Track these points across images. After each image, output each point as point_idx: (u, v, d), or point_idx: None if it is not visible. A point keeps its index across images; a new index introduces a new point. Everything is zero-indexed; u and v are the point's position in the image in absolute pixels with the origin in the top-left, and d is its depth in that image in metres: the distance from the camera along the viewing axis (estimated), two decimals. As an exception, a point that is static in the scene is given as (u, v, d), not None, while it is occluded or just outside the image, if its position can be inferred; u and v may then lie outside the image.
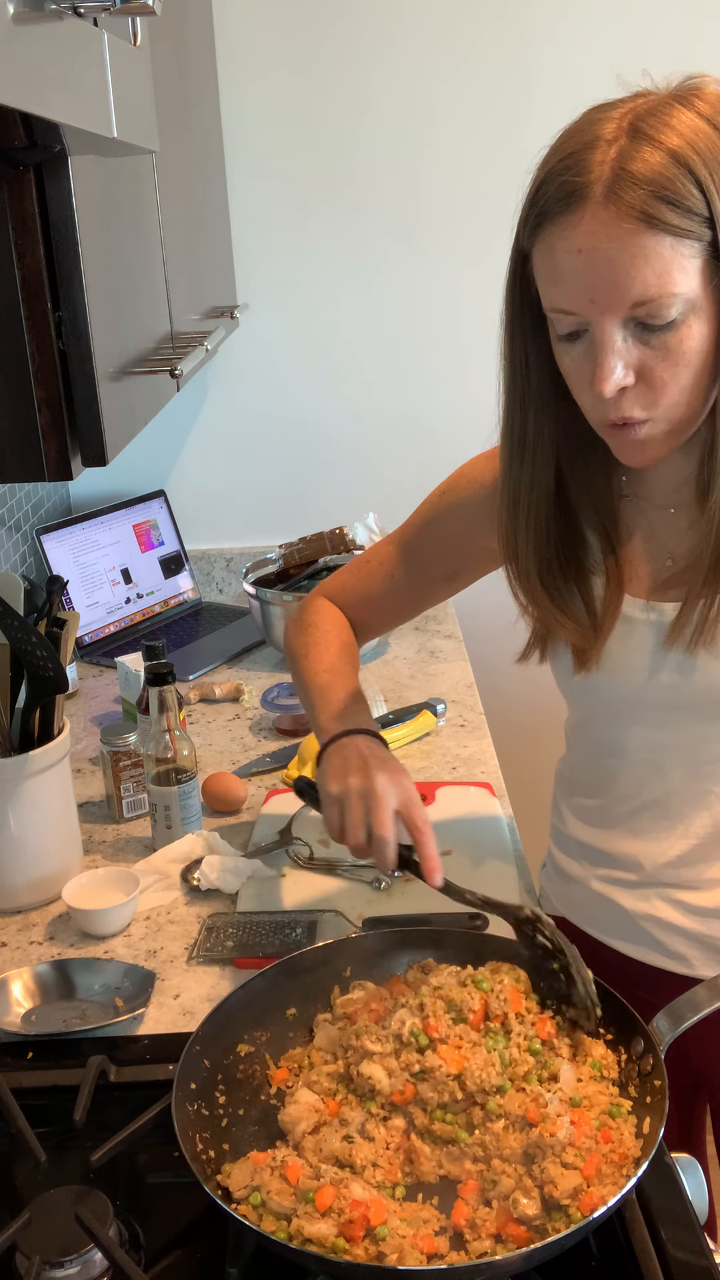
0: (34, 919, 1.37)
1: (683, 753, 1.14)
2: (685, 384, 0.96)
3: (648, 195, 0.88)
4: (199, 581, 2.45)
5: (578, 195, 0.91)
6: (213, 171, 2.04)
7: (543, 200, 0.94)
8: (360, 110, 2.16)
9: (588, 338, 0.96)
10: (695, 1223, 0.90)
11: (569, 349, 0.99)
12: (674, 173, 0.89)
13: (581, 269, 0.92)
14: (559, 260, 0.94)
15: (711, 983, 0.99)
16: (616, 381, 0.95)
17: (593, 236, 0.90)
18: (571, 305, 0.94)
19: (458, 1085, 0.93)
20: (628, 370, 0.95)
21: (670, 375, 0.95)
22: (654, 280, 0.90)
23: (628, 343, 0.94)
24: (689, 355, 0.95)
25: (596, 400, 0.98)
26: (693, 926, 1.19)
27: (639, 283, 0.90)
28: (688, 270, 0.91)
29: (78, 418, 1.07)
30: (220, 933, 1.31)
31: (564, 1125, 0.88)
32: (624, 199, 0.89)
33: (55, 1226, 0.89)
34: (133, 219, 1.31)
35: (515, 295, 1.03)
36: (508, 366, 1.08)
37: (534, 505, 1.11)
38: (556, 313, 0.97)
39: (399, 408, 2.36)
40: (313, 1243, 0.83)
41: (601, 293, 0.92)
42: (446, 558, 1.30)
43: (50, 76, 0.73)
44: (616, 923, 1.24)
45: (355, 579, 1.38)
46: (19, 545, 2.09)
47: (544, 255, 0.95)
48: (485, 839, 1.47)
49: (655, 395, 0.96)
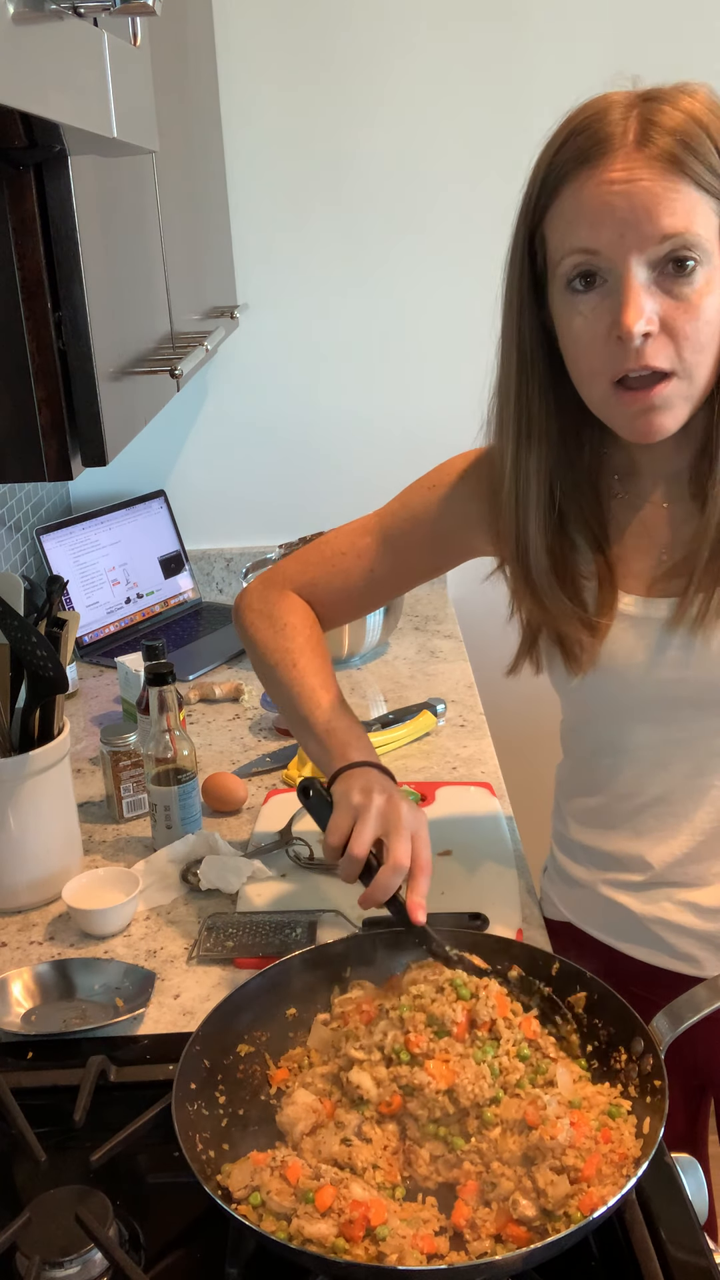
0: (34, 919, 1.37)
1: (684, 748, 1.14)
2: (705, 340, 0.97)
3: (676, 143, 0.92)
4: (199, 581, 2.45)
5: (606, 144, 0.94)
6: (213, 171, 2.04)
7: (564, 156, 0.96)
8: (360, 110, 2.16)
9: (607, 288, 0.96)
10: (695, 1223, 0.90)
11: (580, 305, 0.98)
12: (697, 130, 0.93)
13: (614, 201, 0.94)
14: (587, 198, 0.95)
15: (712, 983, 0.99)
16: (642, 325, 0.94)
17: (626, 171, 0.93)
18: (598, 243, 0.95)
19: (449, 1100, 0.92)
20: (653, 316, 0.95)
21: (692, 328, 0.96)
22: (683, 215, 0.93)
23: (650, 290, 0.95)
24: (708, 310, 0.96)
25: (613, 352, 0.97)
26: (701, 926, 1.19)
27: (669, 214, 0.93)
28: (709, 223, 0.94)
29: (78, 418, 1.07)
30: (220, 933, 1.31)
31: (564, 1128, 0.88)
32: (656, 143, 0.93)
33: (55, 1226, 0.89)
34: (133, 219, 1.31)
35: (519, 276, 1.03)
36: (512, 355, 1.07)
37: (541, 493, 1.10)
38: (578, 255, 0.96)
39: (399, 407, 2.36)
40: (313, 1243, 0.83)
41: (633, 225, 0.93)
42: (431, 552, 1.28)
43: (50, 76, 0.73)
44: (624, 926, 1.23)
45: (328, 573, 1.30)
46: (19, 545, 2.09)
47: (568, 201, 0.97)
48: (485, 839, 1.47)
49: (677, 347, 0.96)
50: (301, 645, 1.26)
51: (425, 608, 2.35)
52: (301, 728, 1.22)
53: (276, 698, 1.28)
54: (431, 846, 1.43)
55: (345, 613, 1.34)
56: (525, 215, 1.01)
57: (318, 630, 1.30)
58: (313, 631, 1.29)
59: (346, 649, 2.04)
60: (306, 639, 1.27)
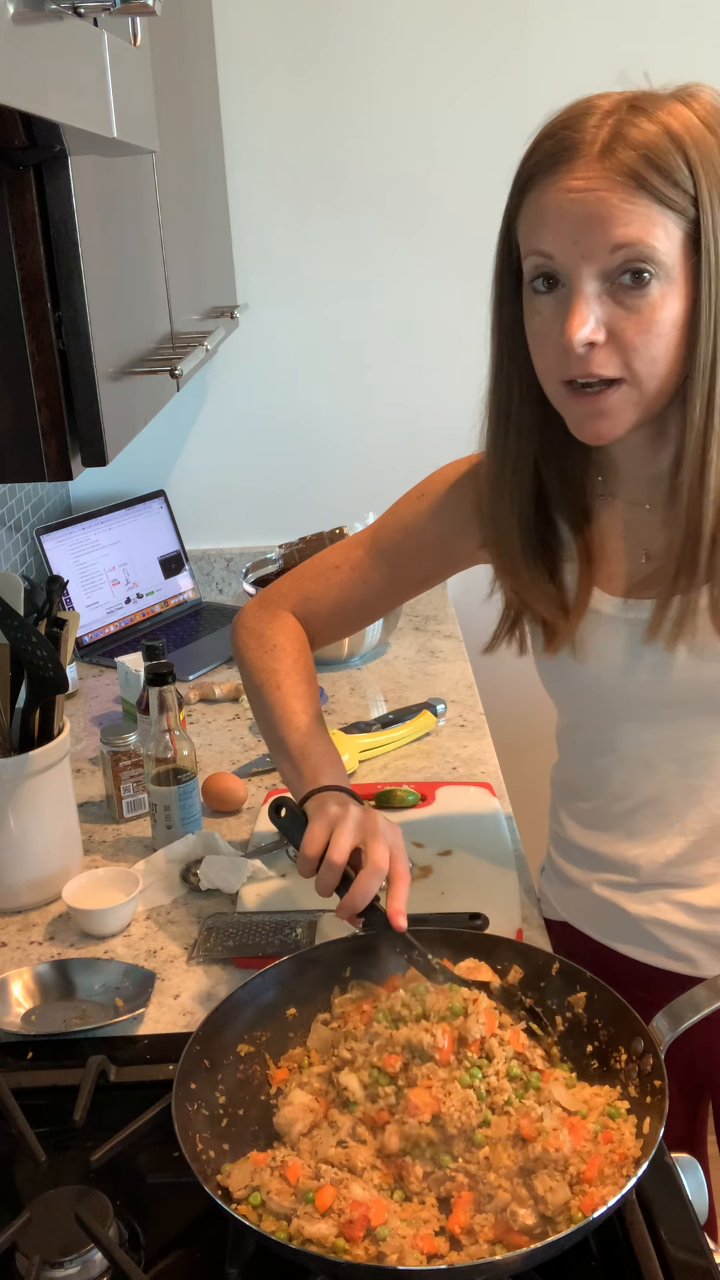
0: (34, 919, 1.37)
1: (672, 749, 1.14)
2: (655, 353, 0.97)
3: (640, 158, 0.92)
4: (199, 581, 2.45)
5: (572, 150, 0.94)
6: (213, 171, 2.04)
7: (535, 158, 0.97)
8: (360, 110, 2.16)
9: (561, 293, 0.97)
10: (695, 1223, 0.89)
11: (540, 306, 0.99)
12: (667, 145, 0.92)
13: (569, 208, 0.94)
14: (547, 202, 0.96)
15: (711, 983, 0.99)
16: (587, 333, 0.95)
17: (584, 180, 0.93)
18: (552, 246, 0.96)
19: (434, 1129, 0.90)
20: (599, 326, 0.96)
21: (641, 340, 0.96)
22: (636, 227, 0.93)
23: (601, 298, 0.96)
24: (660, 324, 0.96)
25: (561, 357, 0.98)
26: (696, 927, 1.19)
27: (621, 225, 0.93)
28: (669, 237, 0.94)
29: (78, 418, 1.07)
30: (220, 933, 1.31)
31: (564, 1139, 0.88)
32: (617, 156, 0.92)
33: (55, 1226, 0.89)
34: (133, 219, 1.31)
35: (502, 266, 1.05)
36: (495, 342, 1.09)
37: (518, 482, 1.11)
38: (536, 257, 0.98)
39: (399, 407, 2.36)
40: (313, 1243, 0.83)
41: (585, 232, 0.94)
42: (423, 561, 1.28)
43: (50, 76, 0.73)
44: (620, 926, 1.24)
45: (323, 587, 1.30)
46: (19, 545, 2.09)
47: (532, 204, 0.98)
48: (485, 839, 1.47)
49: (625, 357, 0.97)
50: (288, 667, 1.26)
51: (425, 608, 2.35)
52: (277, 749, 1.23)
53: (258, 717, 1.28)
54: (431, 846, 1.44)
55: (342, 626, 1.35)
56: (506, 210, 1.03)
57: (306, 653, 1.30)
58: (301, 654, 1.29)
59: (346, 649, 2.04)
60: (294, 661, 1.27)
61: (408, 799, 1.56)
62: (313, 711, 1.24)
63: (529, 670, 1.25)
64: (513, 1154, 0.89)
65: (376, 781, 1.64)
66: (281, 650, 1.28)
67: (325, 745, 1.20)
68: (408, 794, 1.56)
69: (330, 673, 2.05)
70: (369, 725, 1.79)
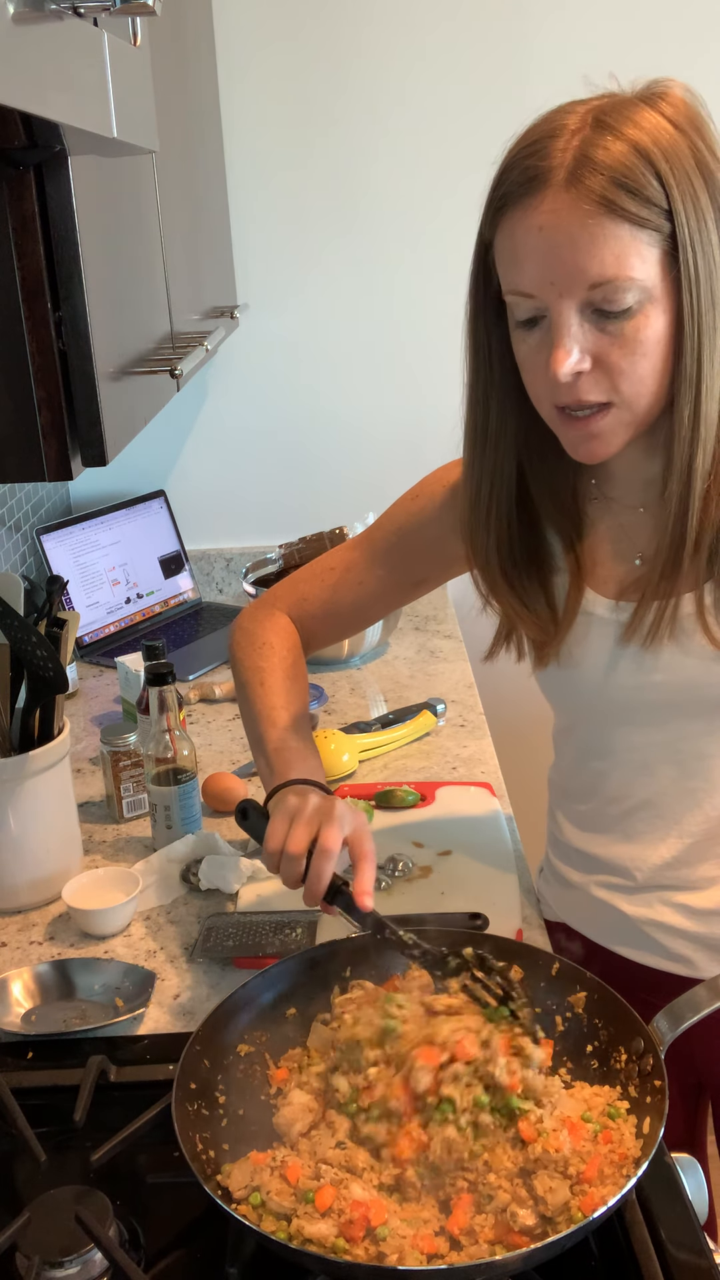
0: (34, 919, 1.37)
1: (668, 750, 1.14)
2: (642, 374, 0.97)
3: (608, 181, 0.90)
4: (199, 581, 2.45)
5: (539, 180, 0.93)
6: (213, 171, 2.04)
7: (504, 186, 0.96)
8: (361, 110, 2.16)
9: (545, 324, 0.97)
10: (695, 1223, 0.89)
11: (526, 336, 0.99)
12: (634, 162, 0.91)
13: (541, 248, 0.93)
14: (519, 241, 0.95)
15: (711, 983, 0.99)
16: (572, 365, 0.95)
17: (553, 215, 0.92)
18: (531, 287, 0.95)
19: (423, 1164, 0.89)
20: (584, 355, 0.96)
21: (627, 364, 0.96)
22: (611, 261, 0.92)
23: (584, 328, 0.95)
24: (646, 345, 0.95)
25: (551, 386, 0.98)
26: (694, 928, 1.19)
27: (596, 262, 0.92)
28: (646, 259, 0.93)
29: (78, 418, 1.07)
30: (220, 933, 1.31)
31: (564, 1141, 0.88)
32: (585, 183, 0.91)
33: (55, 1226, 0.88)
34: (133, 219, 1.31)
35: (479, 285, 1.05)
36: (471, 356, 1.09)
37: (496, 498, 1.11)
38: (515, 296, 0.97)
39: (399, 407, 2.36)
40: (313, 1243, 0.83)
41: (560, 273, 0.93)
42: (417, 563, 1.28)
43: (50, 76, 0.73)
44: (618, 928, 1.24)
45: (318, 588, 1.31)
46: (19, 545, 2.09)
47: (505, 239, 0.97)
48: (485, 839, 1.47)
49: (612, 381, 0.97)
50: (274, 665, 1.26)
51: (425, 608, 2.35)
52: (256, 746, 1.22)
53: (243, 715, 1.28)
54: (431, 846, 1.44)
55: (338, 628, 1.35)
56: (480, 232, 1.02)
57: (296, 652, 1.30)
58: (290, 653, 1.29)
59: (346, 649, 2.04)
60: (280, 659, 1.27)
61: (408, 799, 1.56)
62: (294, 709, 1.23)
63: (528, 671, 1.25)
64: (513, 1154, 0.89)
65: (376, 781, 1.64)
66: (269, 649, 1.28)
67: (300, 741, 1.20)
68: (408, 794, 1.57)
69: (330, 673, 2.05)
70: (369, 725, 1.79)
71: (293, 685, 1.26)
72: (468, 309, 1.07)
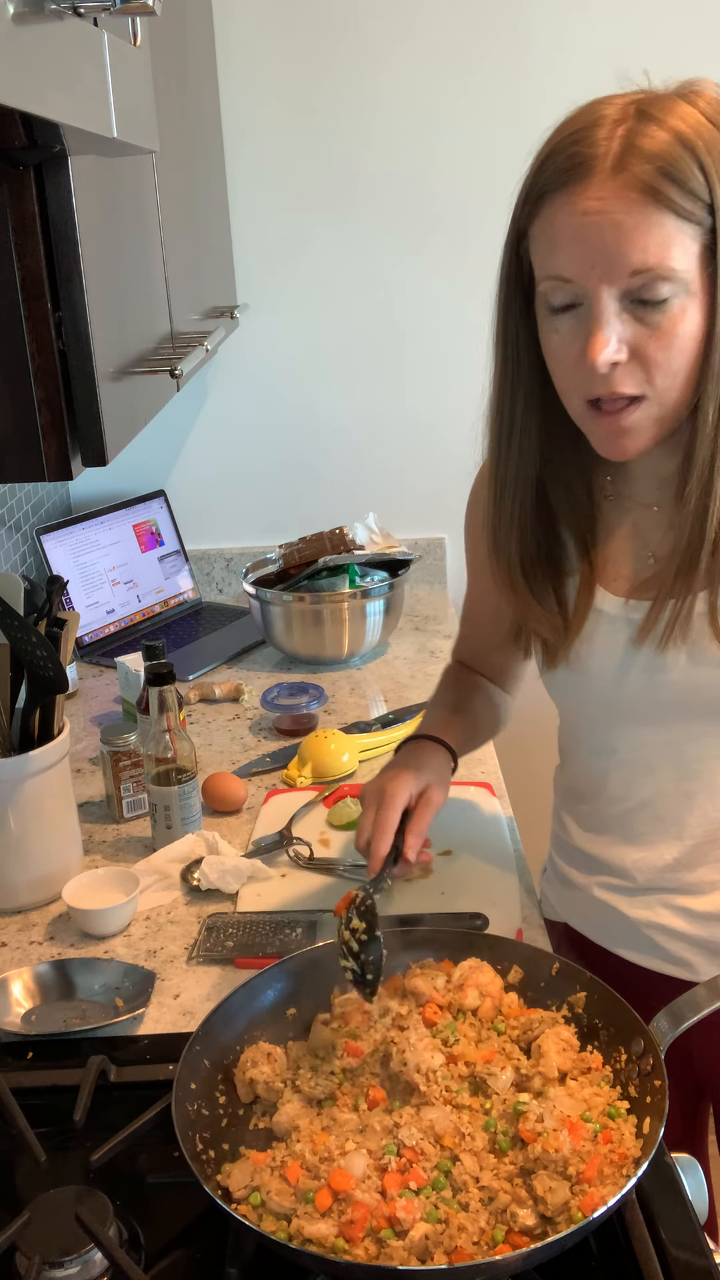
0: (34, 919, 1.37)
1: (669, 751, 1.14)
2: (677, 368, 0.96)
3: (654, 170, 0.90)
4: (199, 581, 2.45)
5: (585, 166, 0.92)
6: (213, 171, 2.04)
7: (546, 173, 0.95)
8: (360, 110, 2.16)
9: (580, 312, 0.96)
10: (695, 1223, 0.89)
11: (558, 324, 0.98)
12: (680, 153, 0.91)
13: (586, 231, 0.93)
14: (561, 225, 0.94)
15: (711, 983, 0.99)
16: (609, 354, 0.95)
17: (600, 200, 0.92)
18: (570, 271, 0.95)
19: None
20: (621, 345, 0.95)
21: (663, 356, 0.95)
22: (655, 249, 0.91)
23: (622, 317, 0.95)
24: (682, 338, 0.95)
25: (585, 376, 0.97)
26: (695, 932, 1.19)
27: (640, 249, 0.91)
28: (687, 251, 0.92)
29: (78, 418, 1.07)
30: (220, 933, 1.31)
31: (564, 1140, 0.88)
32: (632, 170, 0.90)
33: (55, 1226, 0.88)
34: (133, 219, 1.31)
35: (509, 277, 1.04)
36: (499, 350, 1.08)
37: (520, 493, 1.11)
38: (552, 281, 0.97)
39: (399, 407, 2.36)
40: (313, 1243, 0.83)
41: (603, 257, 0.92)
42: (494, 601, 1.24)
43: (50, 76, 0.73)
44: (619, 930, 1.23)
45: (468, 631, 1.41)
46: (19, 545, 2.09)
47: (545, 225, 0.96)
48: (485, 839, 1.47)
49: (647, 374, 0.96)
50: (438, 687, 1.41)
51: (425, 608, 2.35)
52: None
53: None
54: (431, 846, 1.44)
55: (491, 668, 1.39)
56: (513, 226, 1.02)
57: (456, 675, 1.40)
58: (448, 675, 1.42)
59: (346, 649, 2.04)
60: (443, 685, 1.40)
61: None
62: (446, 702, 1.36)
63: (529, 671, 1.25)
64: (512, 1154, 0.89)
65: (376, 781, 1.64)
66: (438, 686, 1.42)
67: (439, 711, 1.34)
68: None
69: (330, 673, 2.05)
70: (369, 725, 1.79)
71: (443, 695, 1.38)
72: (496, 302, 1.06)
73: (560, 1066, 0.96)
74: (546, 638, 1.15)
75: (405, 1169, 0.88)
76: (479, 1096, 0.96)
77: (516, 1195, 0.86)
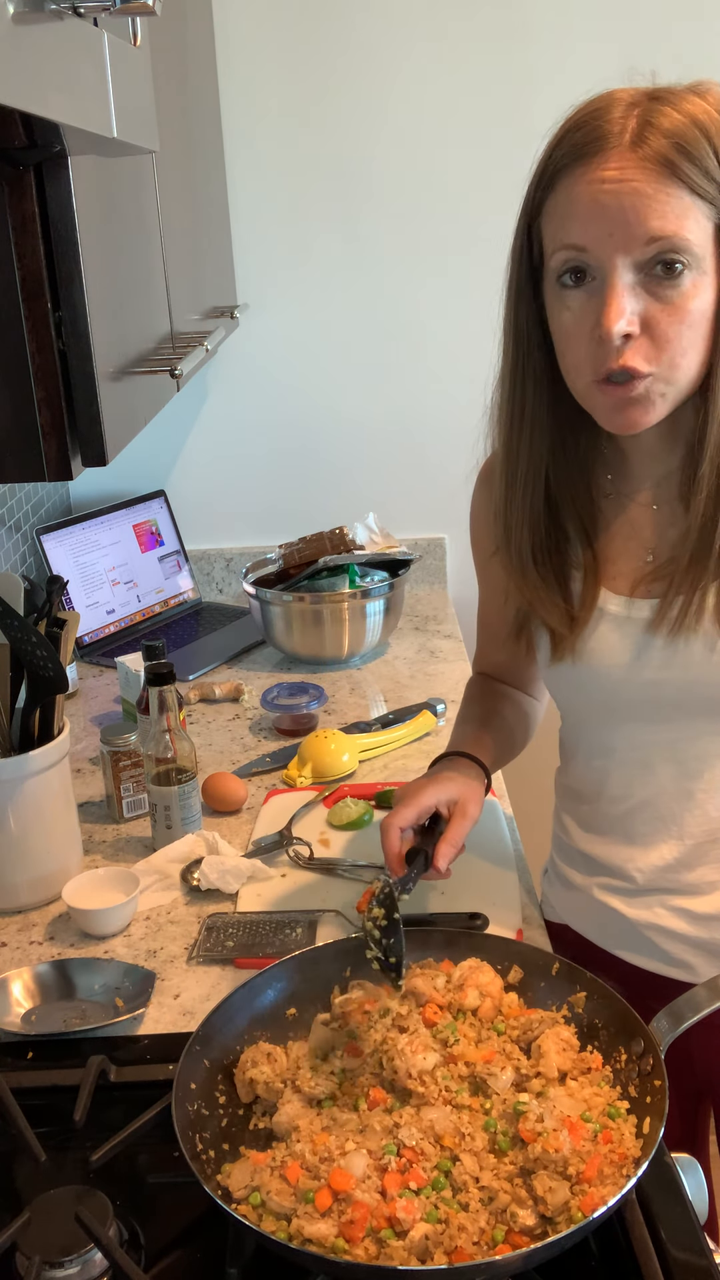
0: (34, 919, 1.37)
1: (670, 750, 1.14)
2: (686, 345, 0.97)
3: (671, 146, 0.92)
4: (199, 581, 2.45)
5: (601, 141, 0.94)
6: (213, 171, 2.04)
7: (562, 150, 0.97)
8: (360, 110, 2.16)
9: (593, 286, 0.97)
10: (695, 1223, 0.89)
11: (569, 300, 0.99)
12: (695, 134, 0.93)
13: (604, 199, 0.94)
14: (579, 194, 0.95)
15: (711, 983, 0.99)
16: (623, 326, 0.95)
17: (620, 170, 0.93)
18: (586, 239, 0.95)
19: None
20: (634, 317, 0.95)
21: (675, 331, 0.96)
22: (672, 219, 0.93)
23: (635, 291, 0.95)
24: (694, 314, 0.96)
25: (597, 348, 0.97)
26: (695, 933, 1.19)
27: (658, 217, 0.93)
28: (702, 228, 0.94)
29: (78, 418, 1.07)
30: (220, 933, 1.31)
31: (564, 1140, 0.88)
32: (650, 145, 0.93)
33: (55, 1226, 0.88)
34: (133, 219, 1.31)
35: (519, 263, 1.04)
36: (508, 339, 1.08)
37: (532, 479, 1.11)
38: (567, 250, 0.97)
39: (399, 407, 2.36)
40: (313, 1243, 0.83)
41: (620, 224, 0.93)
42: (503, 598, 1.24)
43: (50, 76, 0.73)
44: (619, 931, 1.23)
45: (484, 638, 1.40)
46: (19, 545, 2.09)
47: (561, 196, 0.97)
48: (485, 839, 1.47)
49: (658, 350, 0.97)
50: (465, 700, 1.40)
51: (425, 608, 2.35)
52: None
53: None
54: (431, 846, 1.44)
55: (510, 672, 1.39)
56: (525, 207, 1.02)
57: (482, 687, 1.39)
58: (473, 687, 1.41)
59: (346, 649, 2.04)
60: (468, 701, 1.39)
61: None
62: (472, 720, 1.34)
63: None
64: (512, 1154, 0.90)
65: (376, 781, 1.64)
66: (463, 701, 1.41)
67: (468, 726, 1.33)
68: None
69: (330, 673, 2.05)
70: (369, 725, 1.79)
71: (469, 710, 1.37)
72: (505, 288, 1.06)
73: (560, 1066, 0.97)
74: (555, 628, 1.15)
75: (405, 1169, 0.88)
76: (479, 1096, 0.96)
77: (516, 1195, 0.86)
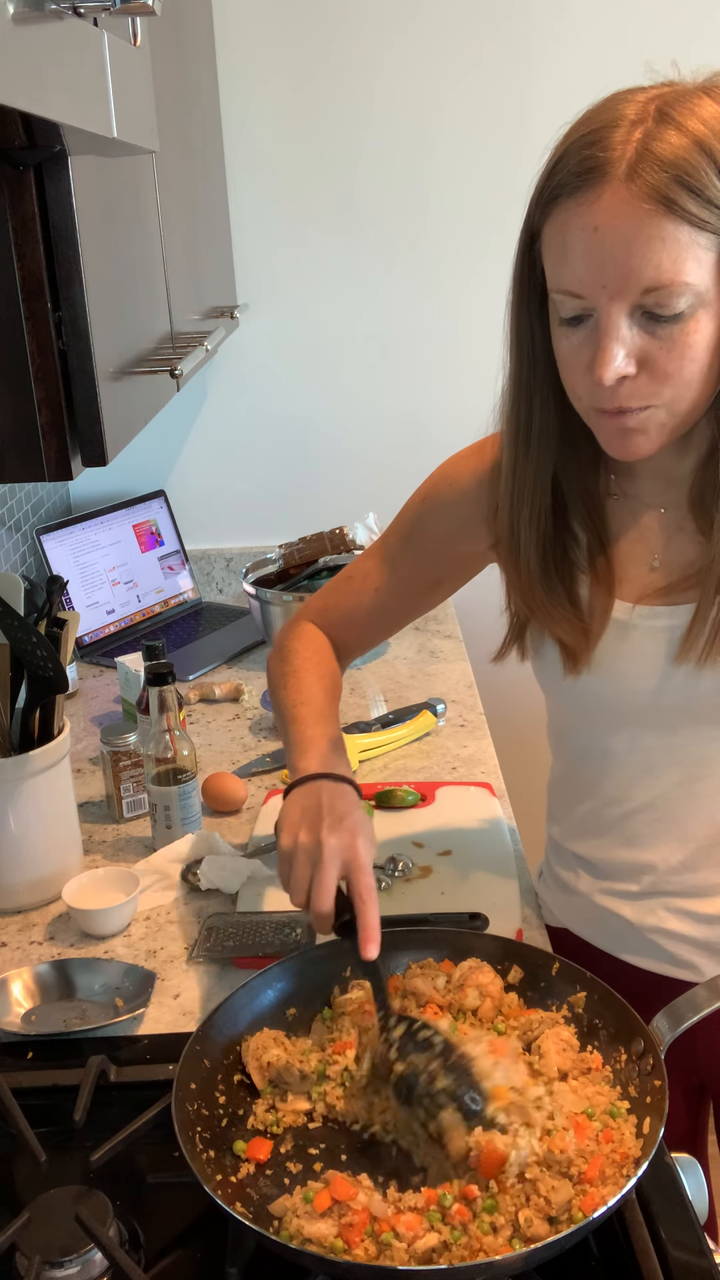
0: (34, 919, 1.37)
1: (673, 754, 1.13)
2: (689, 378, 0.94)
3: (669, 179, 0.87)
4: (199, 581, 2.45)
5: (598, 172, 0.89)
6: (213, 171, 2.04)
7: (560, 175, 0.92)
8: (360, 110, 2.16)
9: (591, 323, 0.94)
10: (695, 1223, 0.89)
11: (569, 334, 0.96)
12: (698, 160, 0.88)
13: (595, 248, 0.90)
14: (571, 238, 0.92)
15: (711, 983, 0.99)
16: (617, 369, 0.93)
17: (610, 214, 0.89)
18: (580, 288, 0.92)
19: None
20: (629, 359, 0.93)
21: (674, 368, 0.93)
22: (668, 265, 0.89)
23: (633, 330, 0.92)
24: (695, 349, 0.93)
25: (592, 387, 0.96)
26: (700, 934, 1.18)
27: (652, 267, 0.89)
28: (702, 262, 0.90)
29: (78, 418, 1.07)
30: (220, 933, 1.31)
31: (570, 1142, 0.88)
32: (645, 179, 0.88)
33: (55, 1226, 0.88)
34: (133, 219, 1.31)
35: (522, 275, 1.02)
36: (513, 354, 1.06)
37: (538, 496, 1.09)
38: (562, 294, 0.94)
39: (399, 407, 2.36)
40: (313, 1243, 0.83)
41: (613, 276, 0.90)
42: (430, 566, 1.27)
43: (50, 76, 0.73)
44: (622, 935, 1.22)
45: (338, 598, 1.33)
46: (19, 545, 2.09)
47: (556, 232, 0.94)
48: (485, 839, 1.47)
49: (656, 386, 0.94)
50: (296, 667, 1.28)
51: (425, 608, 2.35)
52: (286, 746, 1.22)
53: (276, 722, 1.30)
54: (431, 846, 1.44)
55: (360, 636, 1.35)
56: (526, 223, 0.99)
57: (321, 654, 1.30)
58: (313, 654, 1.30)
59: (346, 649, 2.04)
60: (304, 660, 1.28)
61: (408, 799, 1.56)
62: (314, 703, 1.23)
63: (529, 670, 1.24)
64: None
65: (376, 781, 1.64)
66: (293, 654, 1.30)
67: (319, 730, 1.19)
68: (408, 794, 1.56)
69: (330, 673, 2.05)
70: (369, 725, 1.79)
71: (314, 682, 1.26)
72: (510, 302, 1.04)
73: (560, 1066, 0.97)
74: (566, 641, 1.12)
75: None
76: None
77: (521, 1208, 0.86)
